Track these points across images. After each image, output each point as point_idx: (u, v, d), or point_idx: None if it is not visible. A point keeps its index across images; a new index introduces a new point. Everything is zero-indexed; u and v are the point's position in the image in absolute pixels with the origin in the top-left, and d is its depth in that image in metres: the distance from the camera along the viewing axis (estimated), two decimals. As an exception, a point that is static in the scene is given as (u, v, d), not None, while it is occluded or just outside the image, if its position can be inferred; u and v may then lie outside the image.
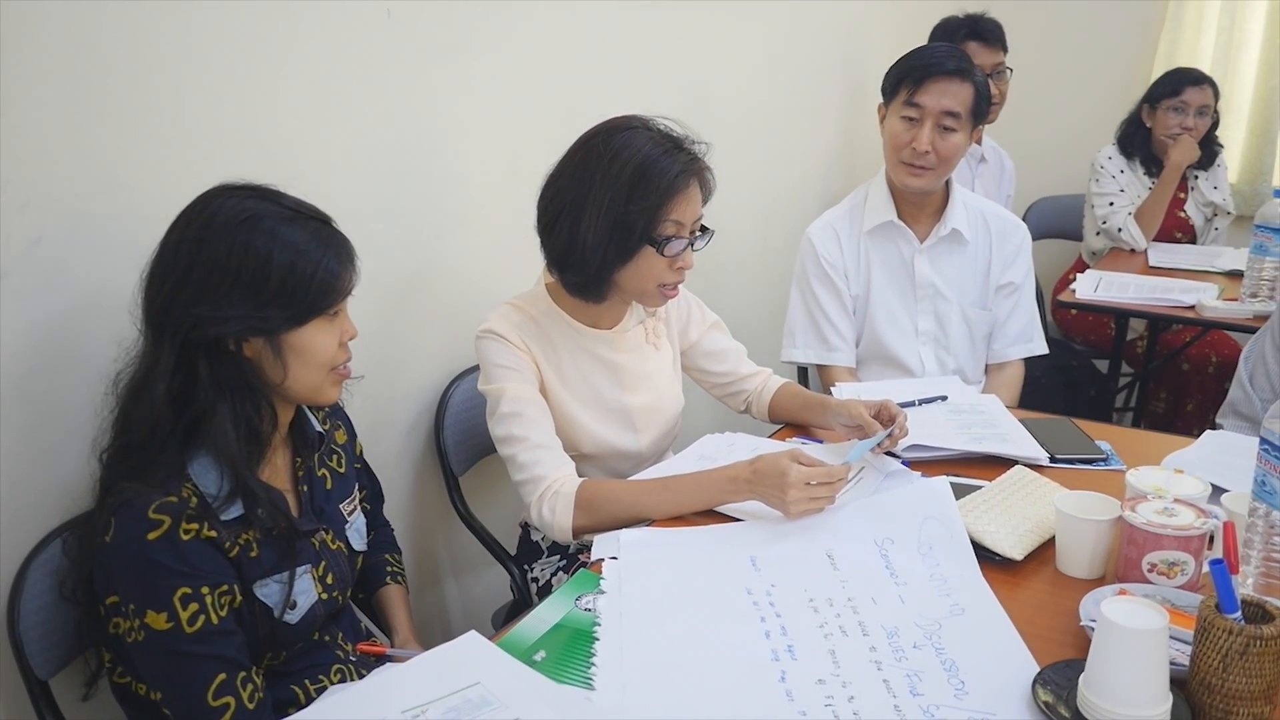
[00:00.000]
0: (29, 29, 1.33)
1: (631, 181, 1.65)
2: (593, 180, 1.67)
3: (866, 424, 1.80)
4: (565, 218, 1.70)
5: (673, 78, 2.71)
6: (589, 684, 1.23)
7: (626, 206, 1.66)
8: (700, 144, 1.74)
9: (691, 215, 1.72)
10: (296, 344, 1.34)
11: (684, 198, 1.69)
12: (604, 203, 1.66)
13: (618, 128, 1.71)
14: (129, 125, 1.47)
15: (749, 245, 3.28)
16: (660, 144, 1.69)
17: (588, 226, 1.67)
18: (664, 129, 1.73)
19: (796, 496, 1.54)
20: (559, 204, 1.71)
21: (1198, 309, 2.93)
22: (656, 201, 1.67)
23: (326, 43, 1.75)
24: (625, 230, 1.67)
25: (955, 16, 3.44)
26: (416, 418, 2.09)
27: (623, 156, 1.66)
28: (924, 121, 2.29)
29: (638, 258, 1.70)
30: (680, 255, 1.73)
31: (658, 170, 1.66)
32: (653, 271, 1.73)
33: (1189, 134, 3.56)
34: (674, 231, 1.70)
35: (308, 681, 1.43)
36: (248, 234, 1.29)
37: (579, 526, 1.67)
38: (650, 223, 1.68)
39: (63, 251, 1.41)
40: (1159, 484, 1.52)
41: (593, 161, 1.68)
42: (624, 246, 1.69)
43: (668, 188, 1.67)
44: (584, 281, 1.74)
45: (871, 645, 1.29)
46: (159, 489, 1.27)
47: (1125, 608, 1.13)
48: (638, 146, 1.67)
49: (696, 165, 1.71)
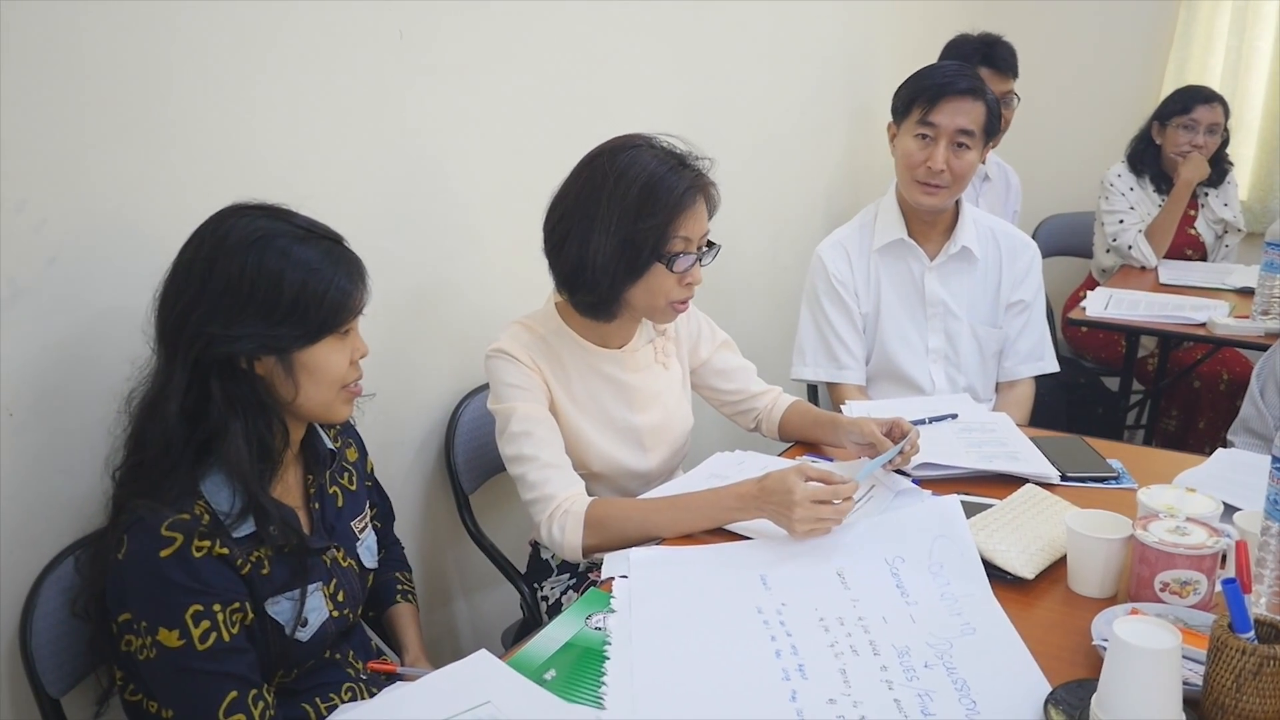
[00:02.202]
0: (44, 49, 1.34)
1: (639, 199, 1.66)
2: (599, 200, 1.68)
3: (878, 441, 1.80)
4: (573, 238, 1.70)
5: (681, 98, 2.73)
6: (599, 703, 1.23)
7: (635, 225, 1.67)
8: (704, 159, 1.75)
9: (699, 231, 1.73)
10: (308, 362, 1.35)
11: (691, 214, 1.70)
12: (612, 222, 1.67)
13: (622, 146, 1.72)
14: (143, 145, 1.48)
15: (759, 264, 3.28)
16: (665, 161, 1.70)
17: (597, 246, 1.68)
18: (667, 146, 1.73)
19: (802, 515, 1.53)
20: (566, 224, 1.72)
21: (1209, 326, 2.92)
22: (665, 219, 1.67)
23: (339, 64, 1.77)
24: (635, 248, 1.68)
25: (969, 36, 3.43)
26: (427, 436, 2.10)
27: (629, 175, 1.67)
28: (938, 140, 2.30)
29: (648, 275, 1.71)
30: (689, 271, 1.74)
31: (665, 187, 1.67)
32: (663, 288, 1.73)
33: (1199, 151, 3.56)
34: (682, 248, 1.70)
35: (318, 699, 1.43)
36: (260, 253, 1.30)
37: (589, 545, 1.67)
38: (659, 240, 1.68)
39: (77, 270, 1.42)
40: (1171, 502, 1.51)
41: (599, 181, 1.69)
42: (634, 264, 1.70)
43: (675, 204, 1.67)
44: (595, 301, 1.75)
45: (882, 664, 1.29)
46: (171, 506, 1.27)
47: (1137, 627, 1.12)
48: (643, 164, 1.68)
49: (702, 181, 1.72)
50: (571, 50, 2.31)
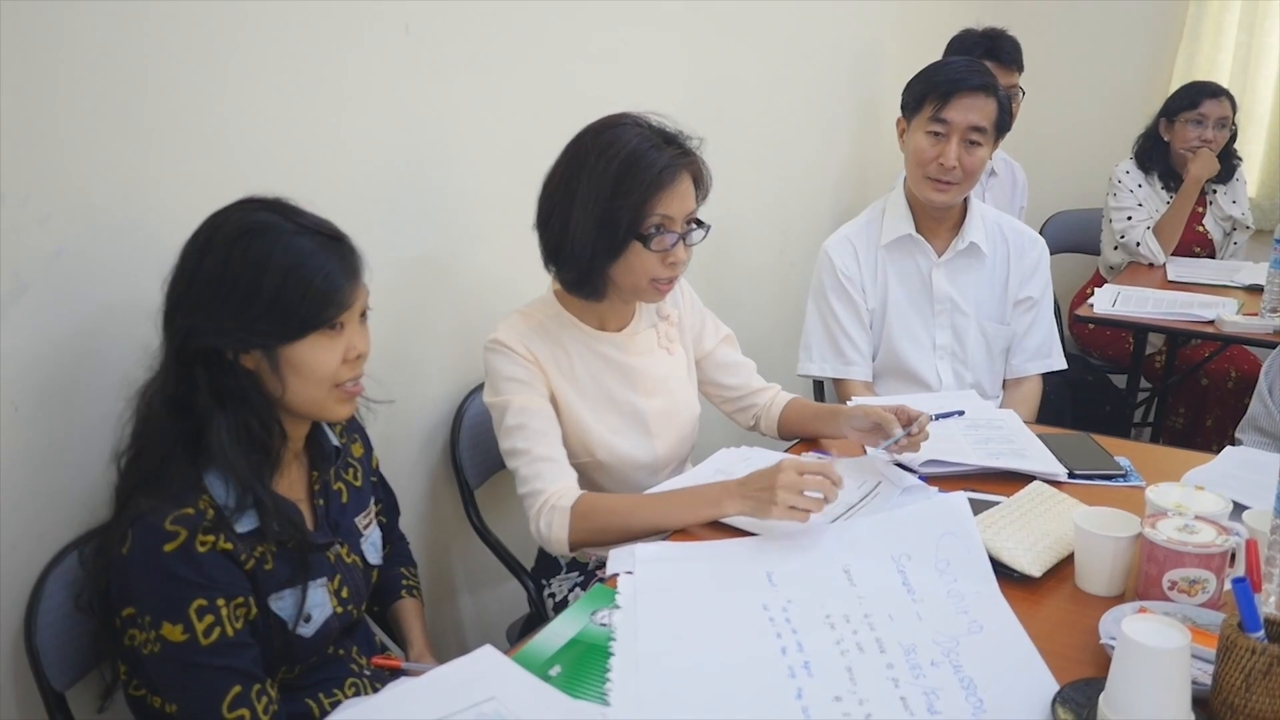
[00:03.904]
0: (47, 43, 1.34)
1: (616, 176, 1.65)
2: (580, 176, 1.67)
3: (882, 419, 1.79)
4: (557, 214, 1.71)
5: (687, 93, 2.72)
6: (604, 699, 1.22)
7: (611, 202, 1.65)
8: (693, 139, 1.73)
9: (682, 209, 1.70)
10: (294, 359, 1.33)
11: (671, 192, 1.67)
12: (590, 198, 1.66)
13: (608, 125, 1.71)
14: (148, 139, 1.48)
15: (765, 259, 3.28)
16: (648, 139, 1.68)
17: (576, 222, 1.68)
18: (655, 124, 1.72)
19: (786, 483, 1.49)
20: (550, 201, 1.72)
21: (1217, 324, 2.91)
22: (641, 197, 1.65)
23: (345, 58, 1.76)
24: (612, 225, 1.67)
25: (973, 31, 3.42)
26: (432, 431, 2.10)
27: (609, 152, 1.66)
28: (950, 137, 2.28)
29: (627, 253, 1.69)
30: (671, 250, 1.71)
31: (644, 164, 1.65)
32: (644, 266, 1.71)
33: (1208, 147, 3.54)
34: (661, 226, 1.68)
35: (322, 695, 1.43)
36: (246, 246, 1.29)
37: (575, 540, 1.67)
38: (635, 217, 1.66)
39: (82, 265, 1.42)
40: (1179, 500, 1.50)
41: (581, 157, 1.69)
42: (611, 242, 1.68)
43: (653, 182, 1.65)
44: (577, 278, 1.74)
45: (889, 662, 1.28)
46: (175, 501, 1.27)
47: (1146, 626, 1.12)
48: (625, 141, 1.67)
49: (686, 159, 1.70)
50: (577, 45, 2.30)
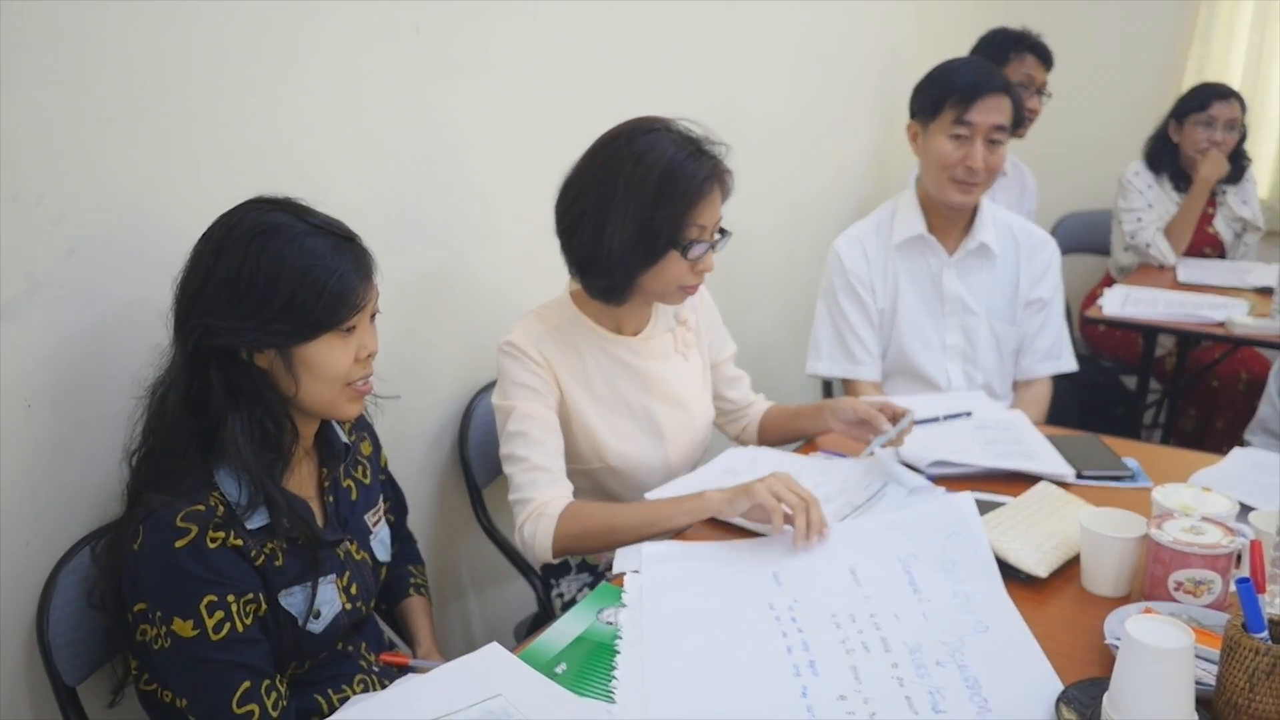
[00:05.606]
0: (62, 42, 1.35)
1: (658, 187, 1.65)
2: (617, 184, 1.67)
3: (870, 417, 1.82)
4: (588, 222, 1.70)
5: (699, 90, 2.72)
6: (610, 697, 1.23)
7: (653, 212, 1.66)
8: (720, 145, 1.74)
9: (713, 219, 1.72)
10: (307, 358, 1.34)
11: (708, 202, 1.69)
12: (629, 208, 1.66)
13: (641, 129, 1.70)
14: (162, 138, 1.49)
15: (776, 259, 3.28)
16: (684, 147, 1.69)
17: (613, 231, 1.67)
18: (685, 130, 1.72)
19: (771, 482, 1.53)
20: (580, 207, 1.71)
21: (1227, 325, 2.90)
22: (683, 208, 1.67)
23: (356, 58, 1.77)
24: (651, 235, 1.67)
25: (1009, 30, 3.45)
26: (440, 430, 2.10)
27: (648, 160, 1.66)
28: (974, 139, 2.29)
29: (662, 262, 1.71)
30: (702, 258, 1.73)
31: (684, 175, 1.66)
32: (675, 274, 1.73)
33: (1218, 148, 3.53)
34: (698, 235, 1.70)
35: (331, 691, 1.44)
36: (262, 246, 1.30)
37: (559, 547, 1.68)
38: (676, 228, 1.68)
39: (96, 263, 1.43)
40: (1186, 501, 1.50)
41: (616, 165, 1.68)
42: (649, 251, 1.69)
43: (694, 193, 1.67)
44: (609, 285, 1.75)
45: (894, 662, 1.29)
46: (186, 498, 1.28)
47: (1151, 626, 1.12)
48: (662, 150, 1.67)
49: (720, 169, 1.71)
50: (590, 45, 2.31)
